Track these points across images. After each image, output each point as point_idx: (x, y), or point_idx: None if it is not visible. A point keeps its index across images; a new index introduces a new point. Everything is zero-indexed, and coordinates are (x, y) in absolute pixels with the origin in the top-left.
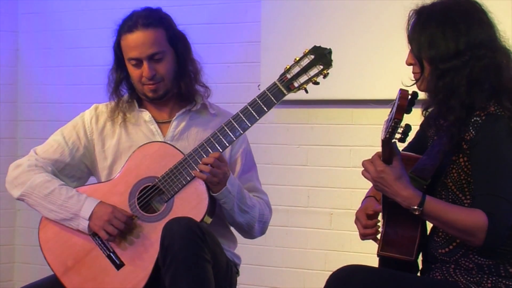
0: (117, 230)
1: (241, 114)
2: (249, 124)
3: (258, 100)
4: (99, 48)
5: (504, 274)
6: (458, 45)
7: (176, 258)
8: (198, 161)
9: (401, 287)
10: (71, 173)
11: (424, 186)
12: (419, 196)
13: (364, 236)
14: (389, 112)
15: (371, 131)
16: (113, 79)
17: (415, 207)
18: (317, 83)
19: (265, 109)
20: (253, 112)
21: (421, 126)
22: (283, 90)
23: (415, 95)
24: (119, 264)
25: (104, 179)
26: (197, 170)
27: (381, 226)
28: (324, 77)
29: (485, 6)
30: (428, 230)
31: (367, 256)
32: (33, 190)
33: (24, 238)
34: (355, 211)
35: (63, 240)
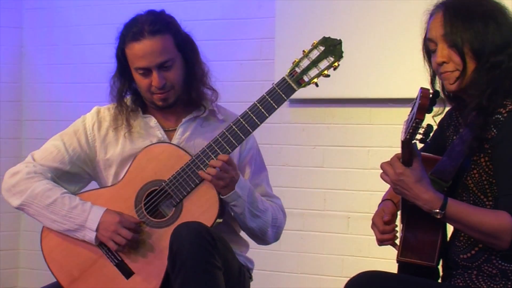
0: (126, 240)
1: (249, 112)
2: (259, 122)
3: (267, 97)
4: (106, 45)
5: None
6: (504, 37)
7: (185, 265)
8: (206, 162)
9: None
10: (71, 179)
11: (445, 188)
12: (440, 199)
13: (381, 242)
14: (409, 112)
15: (390, 131)
16: (116, 87)
17: (437, 210)
18: (327, 75)
19: (275, 106)
20: (262, 109)
21: (439, 125)
22: (293, 85)
23: (436, 93)
24: (128, 273)
25: (109, 185)
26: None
27: (400, 231)
28: (335, 70)
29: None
30: (448, 235)
31: (385, 261)
32: (34, 199)
33: (28, 242)
34: (373, 214)
35: (67, 250)
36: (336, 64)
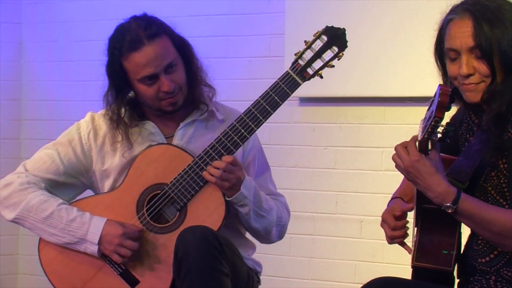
0: (130, 252)
1: (253, 109)
2: (263, 120)
3: (270, 92)
4: None
5: None
6: None
7: (191, 271)
8: (210, 163)
9: None
10: (65, 189)
11: (461, 190)
12: (454, 192)
13: (392, 238)
14: (426, 110)
15: (405, 131)
16: (111, 104)
17: (449, 204)
18: (332, 66)
19: (279, 102)
20: (266, 106)
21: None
22: (297, 79)
23: (455, 91)
24: (134, 282)
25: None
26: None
27: (413, 235)
28: (339, 60)
29: None
30: (463, 239)
31: (400, 267)
32: (29, 212)
33: (28, 247)
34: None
35: (68, 260)
36: (341, 54)
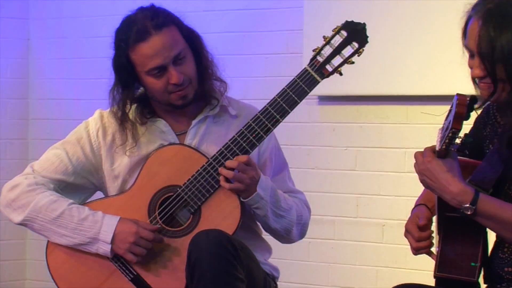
0: (146, 251)
1: (270, 108)
2: (280, 119)
3: (288, 90)
4: None
5: None
6: None
7: (204, 276)
8: (224, 164)
9: None
10: (75, 191)
11: None
12: (471, 192)
13: (417, 250)
14: (444, 119)
15: (429, 131)
16: (117, 100)
17: (467, 205)
18: (352, 62)
19: (297, 100)
20: (283, 104)
21: (475, 123)
22: (316, 77)
23: (474, 100)
24: None
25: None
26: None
27: (436, 244)
28: (359, 56)
29: None
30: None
31: (423, 273)
32: (38, 213)
33: (36, 252)
34: (406, 221)
35: (76, 265)
36: (361, 50)
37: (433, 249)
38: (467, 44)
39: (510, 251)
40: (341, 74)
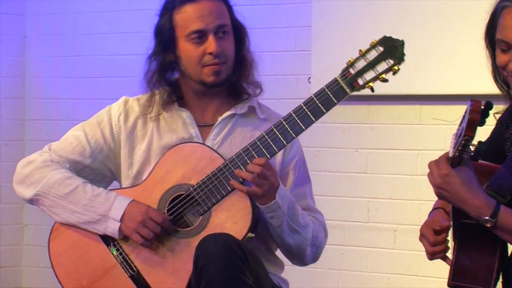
0: (153, 234)
1: (294, 115)
2: (303, 127)
3: (315, 99)
4: (121, 35)
5: None
6: None
7: (212, 281)
8: (241, 168)
9: None
10: (90, 176)
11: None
12: (492, 205)
13: (432, 255)
14: (458, 125)
15: (443, 132)
16: (153, 68)
17: (487, 217)
18: (385, 80)
19: (323, 110)
20: (308, 113)
21: (497, 124)
22: (345, 88)
23: (488, 105)
24: (144, 287)
25: (129, 185)
26: (237, 179)
27: (451, 252)
28: (394, 74)
29: None
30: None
31: (437, 281)
32: (51, 188)
33: (32, 258)
34: (421, 225)
35: (78, 255)
36: (396, 67)
37: (449, 254)
38: (503, 37)
39: None
40: (372, 90)
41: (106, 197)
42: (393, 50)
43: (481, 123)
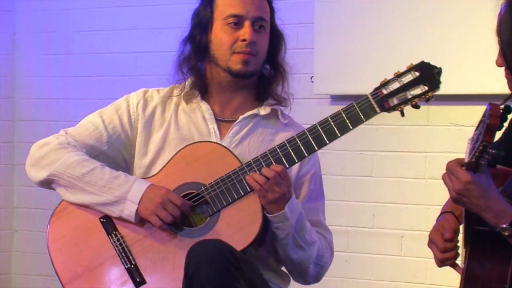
0: (171, 217)
1: (319, 127)
2: (327, 141)
3: (342, 113)
4: (115, 32)
5: None
6: None
7: None
8: (257, 173)
9: None
10: (106, 163)
11: None
12: (510, 213)
13: (442, 262)
14: (474, 129)
15: (451, 134)
16: (188, 51)
17: (505, 225)
18: (417, 106)
19: (350, 126)
20: (334, 127)
21: (510, 124)
22: (375, 106)
23: (507, 109)
24: (139, 282)
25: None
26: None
27: (462, 257)
28: (427, 101)
29: None
30: None
31: None
32: (67, 168)
33: (22, 265)
34: (430, 231)
35: (76, 240)
36: (430, 94)
37: (458, 261)
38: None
39: None
40: (402, 114)
41: (126, 179)
42: (429, 76)
43: (500, 127)
